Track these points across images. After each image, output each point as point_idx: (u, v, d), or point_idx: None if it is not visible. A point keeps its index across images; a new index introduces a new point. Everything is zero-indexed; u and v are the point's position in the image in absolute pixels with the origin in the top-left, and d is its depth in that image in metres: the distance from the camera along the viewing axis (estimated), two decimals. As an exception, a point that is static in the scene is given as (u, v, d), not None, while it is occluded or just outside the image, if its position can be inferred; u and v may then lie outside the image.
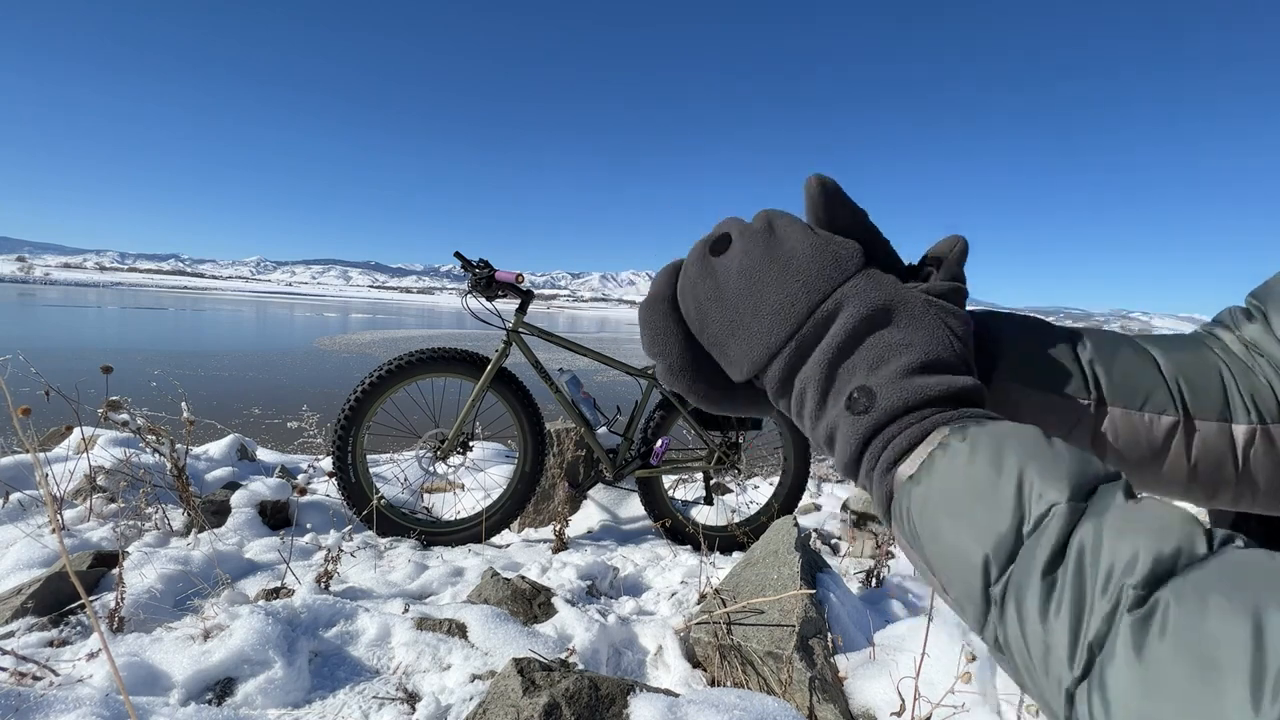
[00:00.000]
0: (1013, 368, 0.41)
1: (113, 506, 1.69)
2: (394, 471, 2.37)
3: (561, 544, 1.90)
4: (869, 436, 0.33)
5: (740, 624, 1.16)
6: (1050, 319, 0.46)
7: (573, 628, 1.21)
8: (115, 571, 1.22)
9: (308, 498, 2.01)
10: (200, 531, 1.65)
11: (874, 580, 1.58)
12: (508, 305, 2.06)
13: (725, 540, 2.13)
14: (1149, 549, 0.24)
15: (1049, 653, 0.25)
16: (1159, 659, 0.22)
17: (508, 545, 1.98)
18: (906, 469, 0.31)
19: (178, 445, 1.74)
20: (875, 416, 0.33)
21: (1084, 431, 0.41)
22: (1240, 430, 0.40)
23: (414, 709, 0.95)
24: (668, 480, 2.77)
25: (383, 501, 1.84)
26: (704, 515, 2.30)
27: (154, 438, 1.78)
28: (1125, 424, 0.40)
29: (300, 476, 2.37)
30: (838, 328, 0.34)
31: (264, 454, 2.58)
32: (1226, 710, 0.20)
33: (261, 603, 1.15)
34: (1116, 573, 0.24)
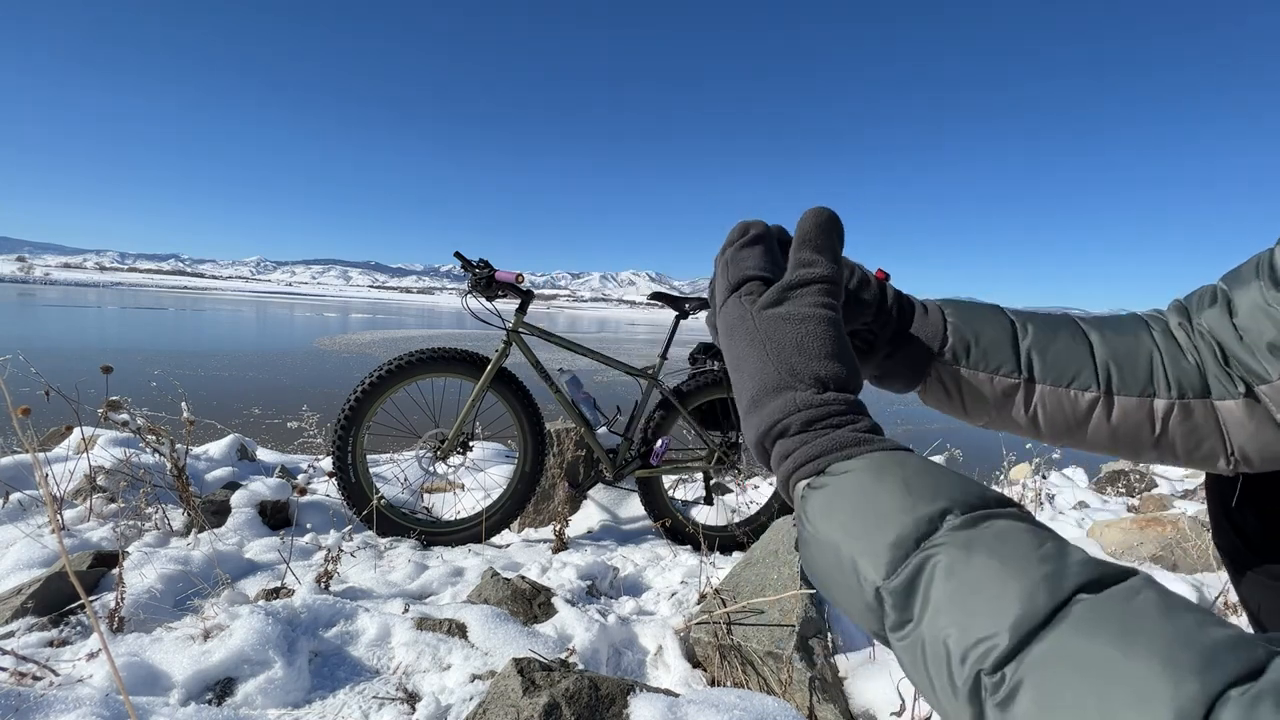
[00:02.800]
0: (954, 351, 0.49)
1: (113, 506, 1.69)
2: (394, 471, 2.37)
3: (561, 544, 1.90)
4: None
5: (740, 624, 1.16)
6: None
7: (573, 628, 1.21)
8: (115, 571, 1.22)
9: (308, 498, 2.01)
10: (200, 531, 1.65)
11: (874, 580, 1.58)
12: (508, 305, 2.06)
13: (725, 540, 2.13)
14: (993, 628, 0.24)
15: (942, 709, 0.26)
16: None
17: (508, 545, 1.98)
18: (797, 531, 0.34)
19: (178, 445, 1.74)
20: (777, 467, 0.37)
21: (1017, 402, 0.49)
22: (1160, 404, 0.47)
23: (414, 709, 0.95)
24: (668, 480, 2.77)
25: (383, 501, 1.84)
26: (704, 515, 2.30)
27: (154, 438, 1.78)
28: (1052, 398, 0.48)
29: (300, 476, 2.37)
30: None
31: (264, 454, 2.58)
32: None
33: (261, 603, 1.15)
34: (970, 658, 0.24)
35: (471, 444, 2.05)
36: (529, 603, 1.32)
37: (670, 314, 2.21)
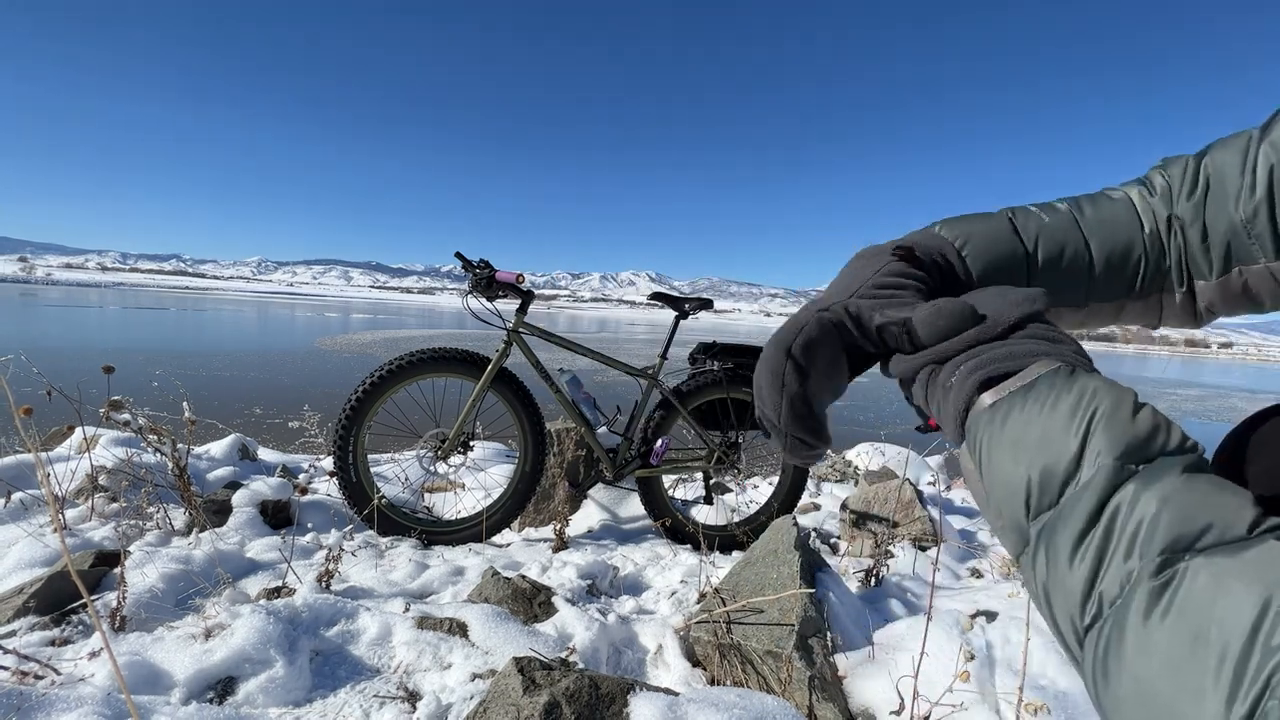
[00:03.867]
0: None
1: (114, 506, 1.69)
2: (395, 471, 2.38)
3: (562, 543, 1.90)
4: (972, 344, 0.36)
5: (740, 623, 1.16)
6: None
7: (573, 627, 1.21)
8: (117, 571, 1.22)
9: (309, 497, 2.01)
10: (202, 531, 1.65)
11: (873, 579, 1.58)
12: (508, 305, 2.06)
13: (725, 540, 2.13)
14: (1179, 519, 0.25)
15: (1069, 596, 0.27)
16: (1163, 628, 0.23)
17: (508, 544, 1.98)
18: (989, 397, 0.33)
19: (179, 445, 1.75)
20: (985, 328, 0.36)
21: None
22: (1138, 304, 0.51)
23: (415, 708, 0.95)
24: (668, 480, 2.78)
25: (384, 501, 1.85)
26: (704, 515, 2.30)
27: (155, 437, 1.78)
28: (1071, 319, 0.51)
29: (301, 476, 2.37)
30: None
31: (265, 453, 2.59)
32: (1206, 692, 0.21)
33: (263, 602, 1.15)
34: (1141, 536, 0.25)
35: (472, 444, 2.05)
36: (529, 602, 1.32)
37: (670, 314, 2.22)
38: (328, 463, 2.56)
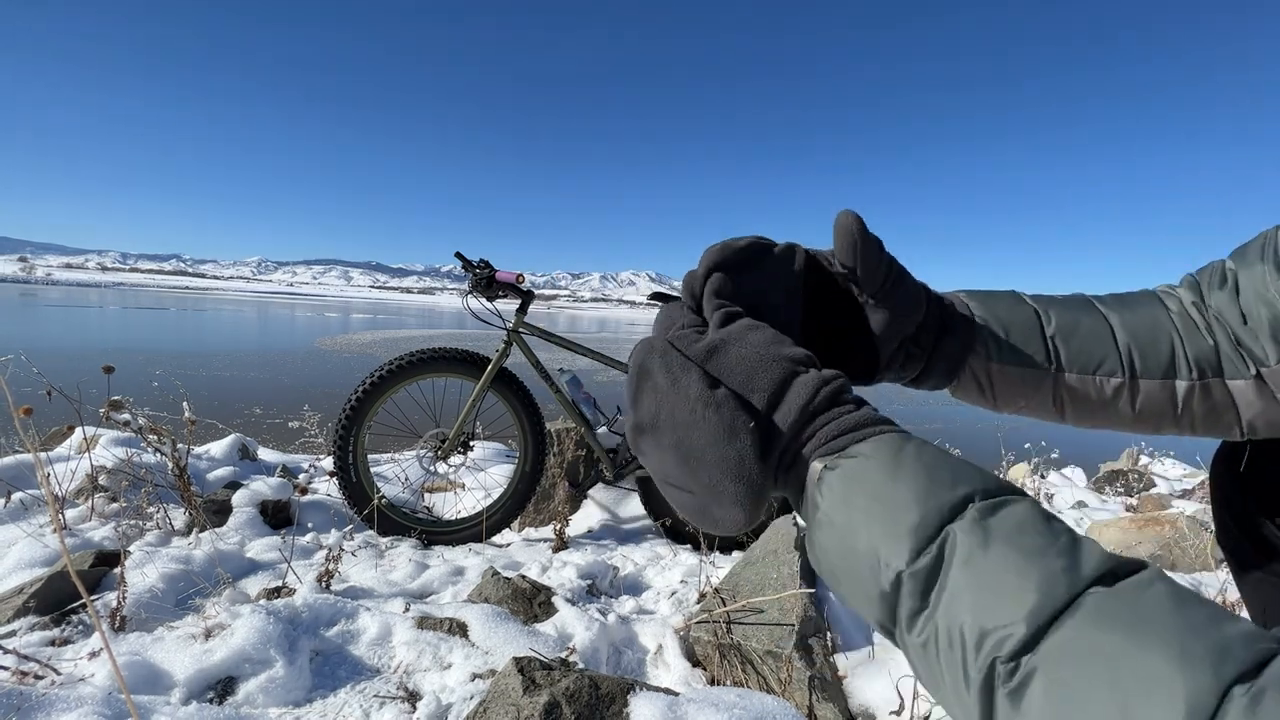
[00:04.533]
0: (985, 347, 0.49)
1: (114, 506, 1.69)
2: (395, 471, 2.38)
3: (562, 543, 1.90)
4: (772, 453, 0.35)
5: (740, 623, 1.16)
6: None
7: (573, 627, 1.21)
8: (117, 571, 1.22)
9: (309, 497, 2.01)
10: (202, 531, 1.65)
11: (874, 580, 1.58)
12: (508, 305, 2.06)
13: (725, 540, 2.13)
14: (1009, 617, 0.23)
15: (948, 704, 0.26)
16: None
17: (508, 544, 1.98)
18: (805, 516, 0.33)
19: (179, 445, 1.75)
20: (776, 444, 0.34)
21: (1046, 391, 0.50)
22: (1181, 385, 0.48)
23: (415, 708, 0.95)
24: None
25: (384, 501, 1.85)
26: (704, 515, 2.30)
27: (155, 437, 1.78)
28: (1080, 385, 0.49)
29: (301, 476, 2.37)
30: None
31: (265, 453, 2.59)
32: None
33: (263, 602, 1.15)
34: (985, 646, 0.24)
35: (472, 444, 2.05)
36: (529, 602, 1.32)
37: (670, 314, 2.21)
38: (328, 463, 2.56)
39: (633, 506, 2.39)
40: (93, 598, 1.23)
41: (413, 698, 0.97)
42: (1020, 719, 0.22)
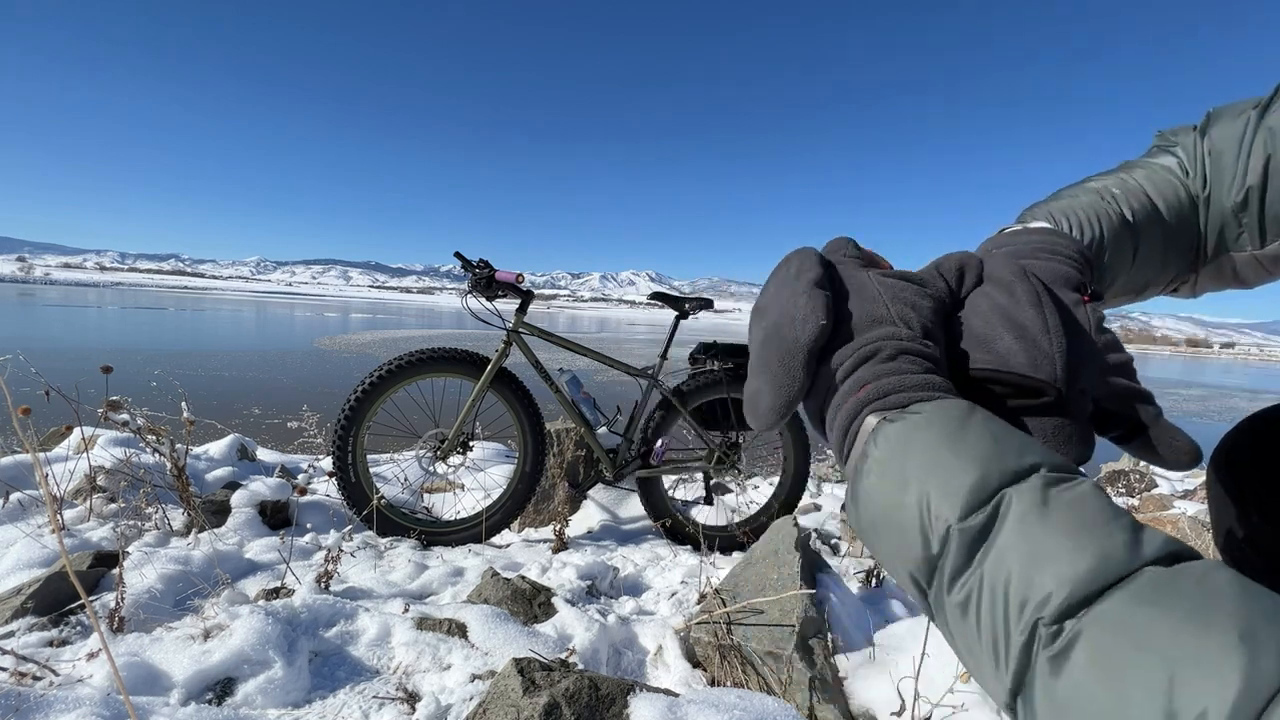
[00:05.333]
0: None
1: (113, 506, 1.69)
2: (394, 471, 2.37)
3: (561, 544, 1.90)
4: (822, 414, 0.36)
5: (740, 624, 1.16)
6: None
7: (573, 628, 1.21)
8: (115, 571, 1.22)
9: (308, 498, 2.01)
10: (200, 531, 1.65)
11: (874, 580, 1.58)
12: (508, 305, 2.06)
13: (725, 540, 2.13)
14: (1059, 578, 0.23)
15: (982, 668, 0.26)
16: (1073, 698, 0.22)
17: (508, 545, 1.98)
18: (849, 470, 0.33)
19: (178, 445, 1.74)
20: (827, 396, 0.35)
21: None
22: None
23: (414, 709, 0.95)
24: (668, 480, 2.77)
25: (383, 501, 1.84)
26: (704, 515, 2.30)
27: (154, 438, 1.78)
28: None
29: (300, 476, 2.37)
30: None
31: (264, 454, 2.58)
32: None
33: (261, 602, 1.15)
34: (1029, 606, 0.23)
35: (471, 444, 2.05)
36: (529, 603, 1.32)
37: (670, 314, 2.21)
38: (327, 463, 2.56)
39: (633, 507, 2.39)
40: (91, 598, 1.23)
41: (412, 699, 0.97)
42: (1059, 682, 0.22)
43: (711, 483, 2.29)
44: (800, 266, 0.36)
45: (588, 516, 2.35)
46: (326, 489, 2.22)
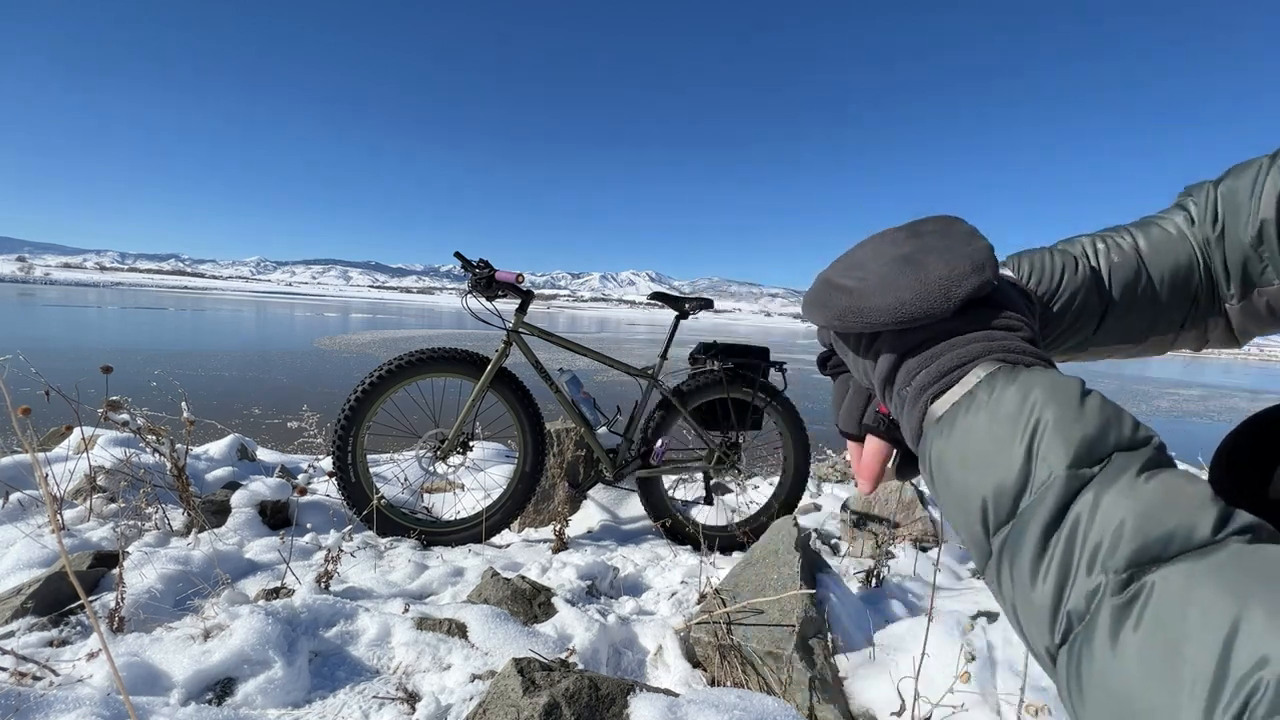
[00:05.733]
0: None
1: (113, 506, 1.69)
2: (394, 471, 2.37)
3: (561, 544, 1.90)
4: (910, 351, 0.35)
5: (740, 624, 1.16)
6: None
7: (573, 628, 1.21)
8: (115, 571, 1.22)
9: (308, 498, 2.01)
10: (200, 531, 1.65)
11: (874, 580, 1.58)
12: (508, 305, 2.06)
13: (725, 540, 2.13)
14: (1141, 530, 0.24)
15: (1036, 613, 0.27)
16: (1133, 647, 0.22)
17: (508, 545, 1.98)
18: (939, 407, 0.33)
19: (178, 445, 1.74)
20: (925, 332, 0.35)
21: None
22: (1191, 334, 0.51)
23: (414, 709, 0.95)
24: (668, 480, 2.77)
25: (383, 501, 1.84)
26: (704, 515, 2.30)
27: (154, 438, 1.78)
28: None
29: (300, 476, 2.37)
30: None
31: (264, 454, 2.58)
32: (1181, 712, 0.20)
33: (261, 603, 1.15)
34: (1103, 550, 0.24)
35: (471, 444, 2.05)
36: (529, 603, 1.32)
37: (670, 314, 2.21)
38: (327, 463, 2.56)
39: (633, 507, 2.39)
40: (91, 598, 1.23)
41: (412, 699, 0.97)
42: (1123, 631, 0.23)
43: (711, 483, 2.29)
44: (974, 230, 0.38)
45: (588, 516, 2.35)
46: (326, 489, 2.22)
